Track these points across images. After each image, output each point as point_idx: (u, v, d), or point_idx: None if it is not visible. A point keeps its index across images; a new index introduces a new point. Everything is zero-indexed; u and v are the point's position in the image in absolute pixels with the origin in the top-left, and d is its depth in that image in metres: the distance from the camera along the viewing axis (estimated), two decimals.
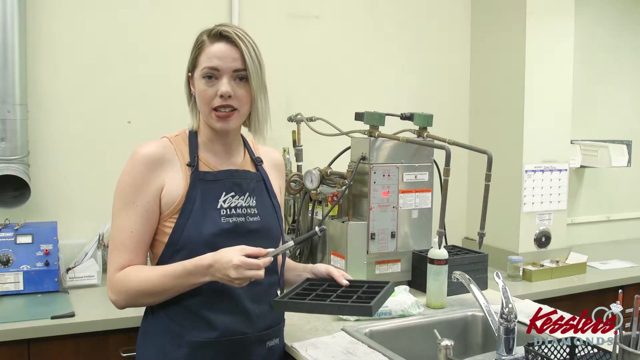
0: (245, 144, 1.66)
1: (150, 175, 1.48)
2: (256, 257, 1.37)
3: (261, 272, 1.36)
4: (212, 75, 1.47)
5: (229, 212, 1.51)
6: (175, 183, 1.49)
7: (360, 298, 1.47)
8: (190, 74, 1.54)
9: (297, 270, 1.72)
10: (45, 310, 1.99)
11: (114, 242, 1.49)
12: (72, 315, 1.96)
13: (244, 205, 1.54)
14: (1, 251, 2.17)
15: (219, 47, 1.47)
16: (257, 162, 1.64)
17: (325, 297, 1.49)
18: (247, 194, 1.56)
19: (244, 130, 1.63)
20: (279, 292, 1.62)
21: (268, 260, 1.39)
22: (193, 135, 1.57)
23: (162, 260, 1.49)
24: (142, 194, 1.47)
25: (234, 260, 1.34)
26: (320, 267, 1.66)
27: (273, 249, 1.42)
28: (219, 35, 1.48)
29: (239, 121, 1.53)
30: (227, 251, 1.37)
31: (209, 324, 1.48)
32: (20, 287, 2.16)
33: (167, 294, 1.45)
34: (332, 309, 1.44)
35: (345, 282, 1.58)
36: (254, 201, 1.57)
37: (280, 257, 1.66)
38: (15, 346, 1.85)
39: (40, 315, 1.94)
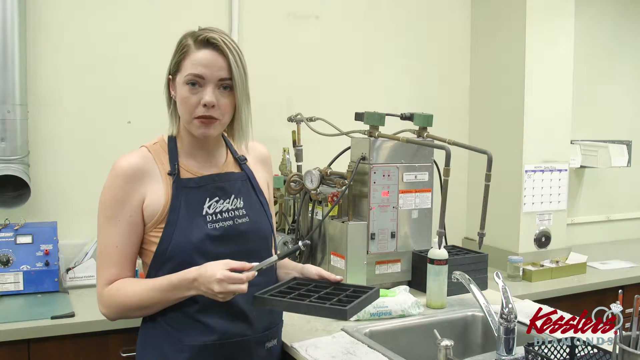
0: (227, 144, 1.63)
1: (131, 188, 1.46)
2: (240, 271, 1.37)
3: (244, 287, 1.35)
4: (196, 82, 1.43)
5: (214, 218, 1.50)
6: (157, 193, 1.47)
7: (341, 301, 1.45)
8: (171, 76, 1.50)
9: (287, 268, 1.70)
10: (45, 310, 1.99)
11: (101, 257, 1.49)
12: (72, 315, 1.96)
13: (230, 208, 1.53)
14: (1, 251, 2.17)
15: (205, 55, 1.43)
16: (240, 160, 1.62)
17: (306, 297, 1.47)
18: (233, 196, 1.54)
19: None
20: None
21: (252, 274, 1.38)
22: (172, 142, 1.53)
23: (152, 268, 1.49)
24: (123, 208, 1.46)
25: (217, 274, 1.34)
26: (311, 269, 1.63)
27: (257, 263, 1.41)
28: (205, 41, 1.44)
29: (220, 129, 1.50)
30: (211, 265, 1.37)
31: (207, 328, 1.47)
32: (20, 287, 2.16)
33: (156, 307, 1.45)
34: (309, 309, 1.42)
35: (338, 278, 1.57)
36: (241, 202, 1.55)
37: None
38: (15, 346, 1.86)
39: (40, 315, 1.94)
